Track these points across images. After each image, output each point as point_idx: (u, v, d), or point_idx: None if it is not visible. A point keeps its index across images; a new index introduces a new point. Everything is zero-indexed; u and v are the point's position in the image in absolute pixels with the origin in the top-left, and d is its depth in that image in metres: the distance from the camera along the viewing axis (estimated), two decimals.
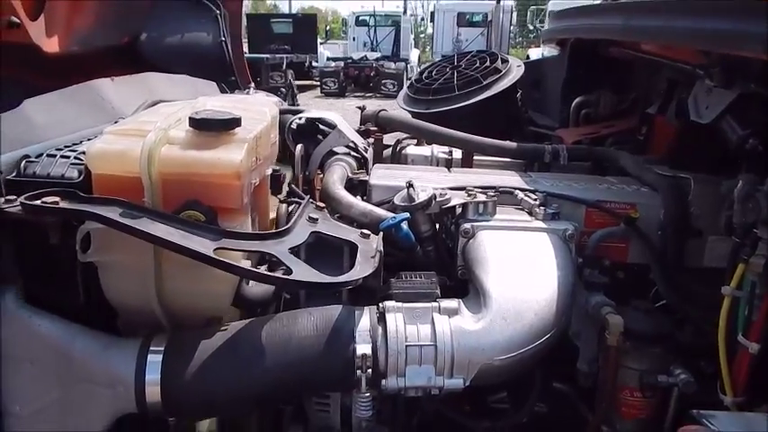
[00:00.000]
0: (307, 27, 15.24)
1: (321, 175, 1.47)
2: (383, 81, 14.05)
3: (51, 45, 1.76)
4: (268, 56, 11.21)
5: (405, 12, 18.66)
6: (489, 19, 17.38)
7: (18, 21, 1.57)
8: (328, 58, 16.30)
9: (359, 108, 1.82)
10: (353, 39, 18.70)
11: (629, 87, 1.96)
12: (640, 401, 1.17)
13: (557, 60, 2.17)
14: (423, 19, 24.76)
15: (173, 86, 1.71)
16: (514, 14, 19.74)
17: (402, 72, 14.12)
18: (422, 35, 26.27)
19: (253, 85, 1.98)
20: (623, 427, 1.19)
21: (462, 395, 1.26)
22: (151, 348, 0.99)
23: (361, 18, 18.53)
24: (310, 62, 15.17)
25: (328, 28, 22.88)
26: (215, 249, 0.90)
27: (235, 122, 1.00)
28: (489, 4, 18.25)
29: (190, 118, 0.99)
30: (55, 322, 1.01)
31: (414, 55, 18.49)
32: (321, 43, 18.05)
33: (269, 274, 0.93)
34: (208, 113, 1.00)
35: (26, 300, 1.02)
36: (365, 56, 15.54)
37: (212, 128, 0.99)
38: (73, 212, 0.90)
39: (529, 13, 19.26)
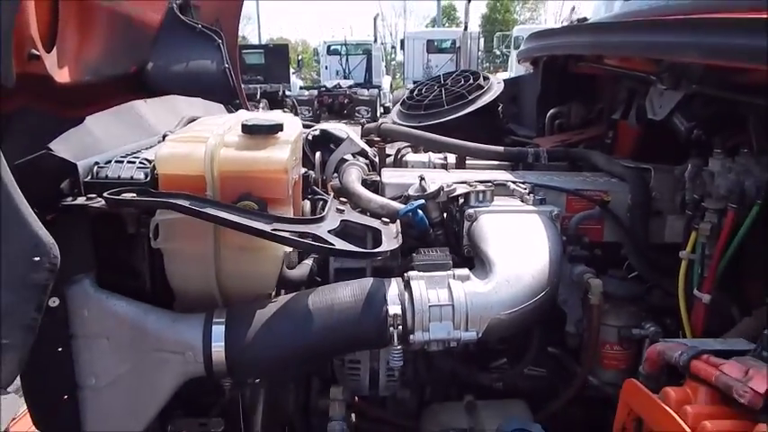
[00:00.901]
0: (278, 57, 15.38)
1: (332, 180, 1.68)
2: (357, 108, 14.34)
3: (63, 76, 1.93)
4: (243, 86, 11.38)
5: (375, 40, 19.17)
6: (457, 45, 18.01)
7: (38, 53, 1.75)
8: (301, 87, 16.59)
9: (360, 124, 2.04)
10: (326, 67, 19.09)
11: (596, 99, 2.23)
12: (619, 353, 1.39)
13: (531, 77, 2.43)
14: (393, 47, 25.47)
15: (191, 107, 1.90)
16: (481, 41, 20.46)
17: (375, 98, 14.45)
18: (392, 62, 26.98)
19: (263, 104, 2.18)
20: (606, 376, 1.41)
21: (471, 360, 1.47)
22: (214, 320, 1.17)
23: (333, 47, 18.96)
24: (284, 91, 15.41)
25: (300, 57, 23.28)
26: (272, 229, 1.10)
27: (279, 128, 1.21)
28: (457, 31, 18.93)
29: (242, 124, 1.19)
30: (128, 302, 1.18)
31: (386, 81, 18.95)
32: (293, 73, 18.37)
33: (319, 244, 1.12)
34: (256, 120, 1.21)
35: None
36: (338, 83, 15.88)
37: (261, 132, 1.19)
38: (154, 204, 1.09)
39: (495, 39, 20.01)
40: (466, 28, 16.52)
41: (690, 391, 0.89)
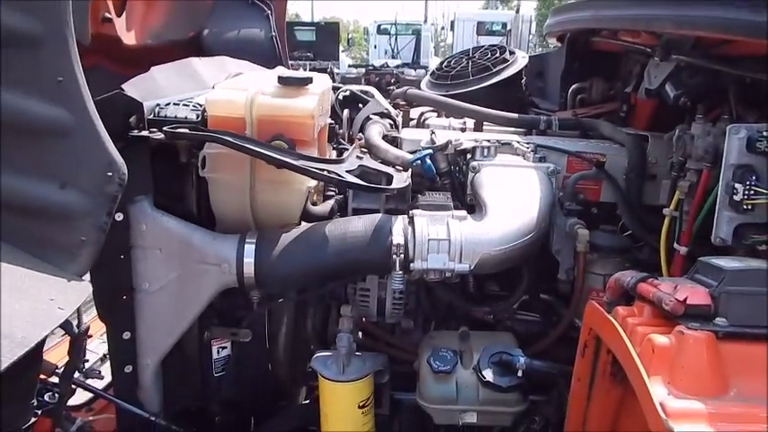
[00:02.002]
0: (329, 35, 15.55)
1: (359, 136, 1.87)
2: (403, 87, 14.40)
3: (130, 38, 2.18)
4: (292, 62, 11.66)
5: (425, 21, 19.12)
6: (509, 28, 17.75)
7: (110, 16, 1.99)
8: (349, 65, 16.77)
9: (389, 89, 2.21)
10: (375, 46, 19.17)
11: (617, 75, 2.33)
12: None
13: (557, 54, 2.54)
14: (443, 28, 25.29)
15: (238, 67, 2.12)
16: (533, 24, 20.08)
17: (422, 79, 14.46)
18: (442, 44, 26.83)
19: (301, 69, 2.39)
20: None
21: (470, 299, 1.65)
22: (247, 240, 1.40)
23: (382, 27, 19.01)
24: (332, 69, 15.55)
25: (350, 36, 23.44)
26: (300, 163, 1.31)
27: (309, 80, 1.41)
28: (509, 14, 18.68)
29: (278, 76, 1.39)
30: (178, 221, 1.42)
31: (433, 63, 18.88)
32: (343, 51, 18.55)
33: (337, 177, 1.33)
34: (290, 73, 1.41)
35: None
36: (386, 63, 15.94)
37: (293, 83, 1.39)
38: (204, 137, 1.32)
39: None
40: (518, 11, 16.30)
41: (636, 309, 1.05)
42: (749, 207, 1.07)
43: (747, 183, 1.05)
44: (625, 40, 1.86)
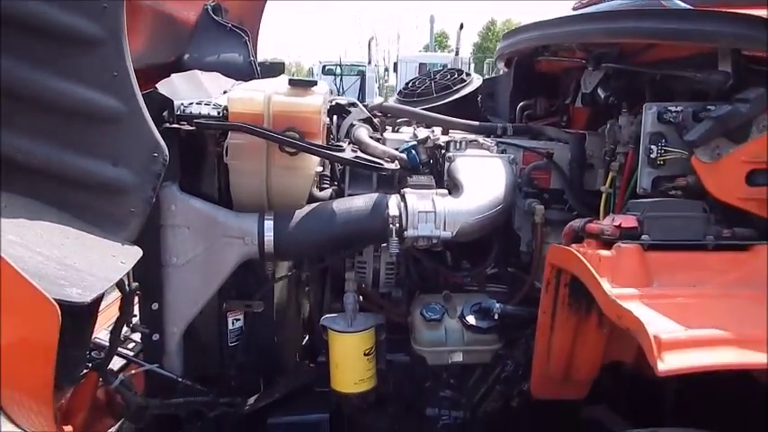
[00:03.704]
0: (274, 75, 15.86)
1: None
2: None
3: None
4: None
5: (369, 62, 19.92)
6: None
7: None
8: None
9: (364, 105, 2.53)
10: None
11: (557, 93, 2.75)
12: None
13: (506, 76, 2.95)
14: (386, 70, 26.31)
15: (228, 82, 2.39)
16: (472, 66, 21.29)
17: None
18: (385, 85, 27.86)
19: None
20: None
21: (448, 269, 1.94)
22: (266, 217, 1.64)
23: (328, 67, 19.63)
24: None
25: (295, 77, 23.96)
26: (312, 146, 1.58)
27: (315, 83, 1.70)
28: (448, 56, 19.78)
29: (289, 79, 1.68)
30: (203, 202, 1.66)
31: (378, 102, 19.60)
32: None
33: (345, 156, 1.61)
34: (298, 77, 1.70)
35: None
36: None
37: (303, 85, 1.68)
38: (234, 127, 1.57)
39: (485, 66, 20.90)
40: (457, 53, 17.27)
41: (586, 245, 1.38)
42: (662, 163, 1.43)
43: (659, 145, 1.42)
44: (563, 57, 2.27)
